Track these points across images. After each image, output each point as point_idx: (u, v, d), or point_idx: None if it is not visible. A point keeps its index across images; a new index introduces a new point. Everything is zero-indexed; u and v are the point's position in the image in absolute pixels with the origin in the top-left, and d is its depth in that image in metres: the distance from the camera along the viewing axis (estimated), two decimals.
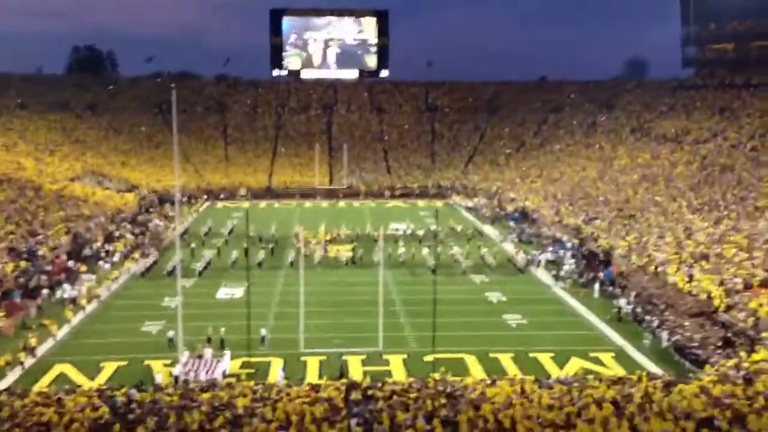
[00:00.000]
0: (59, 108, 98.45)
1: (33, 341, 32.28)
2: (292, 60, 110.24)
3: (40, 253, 45.63)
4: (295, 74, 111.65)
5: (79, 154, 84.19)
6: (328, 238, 57.70)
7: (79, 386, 26.66)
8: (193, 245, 54.83)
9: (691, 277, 37.72)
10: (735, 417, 18.92)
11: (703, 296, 35.12)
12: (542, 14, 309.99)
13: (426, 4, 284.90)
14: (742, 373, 24.46)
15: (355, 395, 22.43)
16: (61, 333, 35.12)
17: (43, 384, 27.77)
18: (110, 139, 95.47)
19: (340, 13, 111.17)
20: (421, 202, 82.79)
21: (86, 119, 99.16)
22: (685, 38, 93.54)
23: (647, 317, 36.18)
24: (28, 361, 30.98)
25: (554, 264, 49.62)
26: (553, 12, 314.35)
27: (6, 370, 29.83)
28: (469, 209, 76.58)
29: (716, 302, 33.83)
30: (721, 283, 35.36)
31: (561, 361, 31.24)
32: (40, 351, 32.48)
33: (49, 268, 44.36)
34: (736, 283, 35.04)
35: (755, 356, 26.63)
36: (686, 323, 33.71)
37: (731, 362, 26.92)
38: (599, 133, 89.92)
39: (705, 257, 40.16)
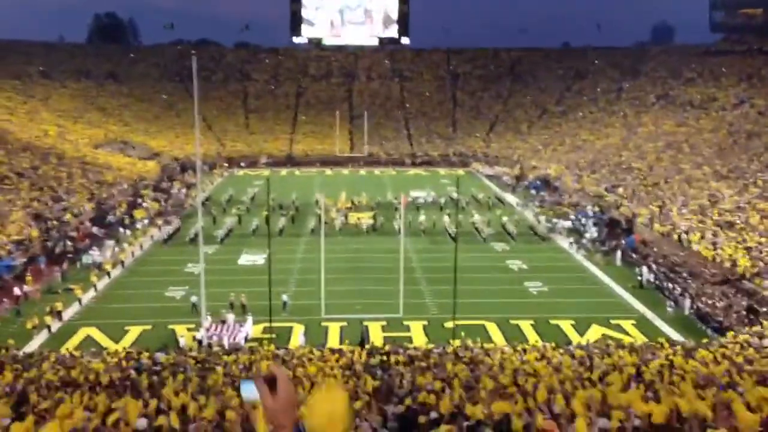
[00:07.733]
0: (81, 76, 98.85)
1: (59, 305, 32.95)
2: (312, 27, 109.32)
3: (64, 219, 46.23)
4: (315, 42, 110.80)
5: (102, 122, 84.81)
6: (348, 205, 57.80)
7: (105, 349, 27.21)
8: (214, 212, 55.25)
9: (715, 245, 37.32)
10: (757, 383, 18.76)
11: (728, 264, 34.76)
12: None
13: None
14: (765, 340, 24.24)
15: (376, 360, 22.58)
16: (87, 297, 35.72)
17: (69, 346, 28.36)
18: (132, 107, 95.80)
19: None
20: (442, 170, 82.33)
21: (108, 87, 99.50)
22: (713, 3, 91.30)
23: (669, 285, 35.92)
24: (55, 325, 31.66)
25: (576, 232, 49.35)
26: None
27: (33, 333, 30.48)
28: (490, 177, 76.04)
29: (741, 270, 33.47)
30: (747, 251, 34.94)
31: (582, 329, 31.21)
32: (66, 315, 33.13)
33: (73, 234, 45.00)
34: (761, 251, 34.62)
35: None
36: (709, 291, 33.45)
37: (754, 329, 26.70)
38: (623, 101, 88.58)
39: (730, 225, 39.68)
